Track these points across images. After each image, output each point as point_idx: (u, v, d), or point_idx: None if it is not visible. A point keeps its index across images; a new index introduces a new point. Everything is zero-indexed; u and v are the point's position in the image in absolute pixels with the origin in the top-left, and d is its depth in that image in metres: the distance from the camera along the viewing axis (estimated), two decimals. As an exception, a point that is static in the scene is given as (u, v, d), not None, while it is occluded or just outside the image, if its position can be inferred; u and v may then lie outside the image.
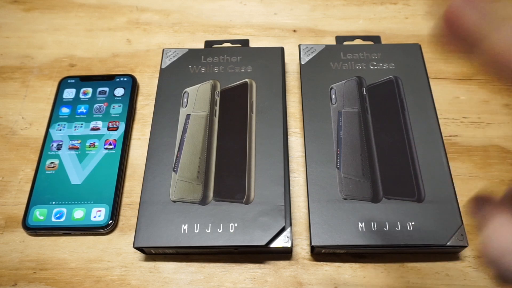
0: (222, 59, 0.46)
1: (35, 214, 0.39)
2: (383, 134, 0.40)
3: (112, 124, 0.44)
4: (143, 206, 0.37)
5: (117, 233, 0.39)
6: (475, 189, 0.40)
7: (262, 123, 0.41)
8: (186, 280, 0.36)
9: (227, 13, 0.53)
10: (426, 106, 0.42)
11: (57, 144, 0.43)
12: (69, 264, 0.37)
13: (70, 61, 0.50)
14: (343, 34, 0.51)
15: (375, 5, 0.53)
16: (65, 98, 0.46)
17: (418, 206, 0.36)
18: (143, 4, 0.54)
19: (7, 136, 0.45)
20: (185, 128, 0.41)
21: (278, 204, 0.37)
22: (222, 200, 0.37)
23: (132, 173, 0.42)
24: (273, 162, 0.39)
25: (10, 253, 0.38)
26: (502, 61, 0.18)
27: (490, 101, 0.46)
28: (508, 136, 0.43)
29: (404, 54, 0.45)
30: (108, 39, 0.51)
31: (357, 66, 0.44)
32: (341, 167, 0.39)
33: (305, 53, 0.46)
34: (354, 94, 0.43)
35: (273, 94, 0.43)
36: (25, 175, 0.42)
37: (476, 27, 0.19)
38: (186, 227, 0.36)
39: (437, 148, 0.39)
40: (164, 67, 0.45)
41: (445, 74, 0.48)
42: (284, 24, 0.52)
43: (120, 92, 0.46)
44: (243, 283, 0.36)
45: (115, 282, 0.37)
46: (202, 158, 0.40)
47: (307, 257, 0.37)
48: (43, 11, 0.54)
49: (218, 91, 0.43)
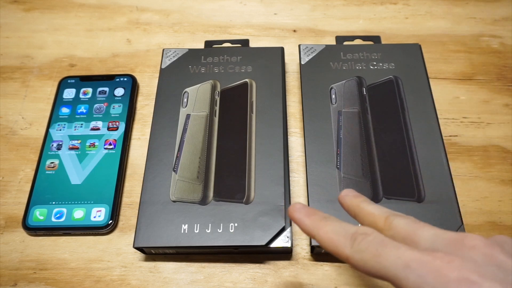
0: (222, 59, 0.46)
1: (35, 214, 0.39)
2: (383, 134, 0.40)
3: (112, 124, 0.44)
4: (143, 206, 0.37)
5: (117, 233, 0.39)
6: (475, 189, 0.40)
7: (262, 123, 0.41)
8: (186, 280, 0.36)
9: (227, 13, 0.53)
10: (426, 106, 0.42)
11: (57, 144, 0.43)
12: (69, 264, 0.37)
13: (70, 61, 0.50)
14: (343, 34, 0.51)
15: (375, 5, 0.54)
16: (65, 98, 0.46)
17: (418, 206, 0.36)
18: (143, 4, 0.54)
19: (7, 136, 0.45)
20: (185, 128, 0.41)
21: (278, 204, 0.37)
22: (222, 200, 0.37)
23: (132, 173, 0.42)
24: (273, 162, 0.39)
25: (10, 253, 0.38)
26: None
27: (490, 101, 0.46)
28: (508, 136, 0.43)
29: (404, 54, 0.45)
30: (108, 39, 0.51)
31: (357, 66, 0.44)
32: (341, 167, 0.39)
33: (305, 53, 0.46)
34: (354, 94, 0.43)
35: (273, 94, 0.43)
36: (25, 175, 0.42)
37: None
38: (186, 227, 0.36)
39: (437, 148, 0.39)
40: (164, 67, 0.45)
41: (445, 74, 0.48)
42: (284, 24, 0.52)
43: (120, 92, 0.46)
44: (243, 283, 0.36)
45: (115, 282, 0.37)
46: (202, 158, 0.40)
47: (307, 257, 0.37)
48: (43, 11, 0.54)
49: (218, 91, 0.43)
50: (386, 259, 0.20)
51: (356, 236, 0.21)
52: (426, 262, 0.19)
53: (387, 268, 0.20)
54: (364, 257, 0.21)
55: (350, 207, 0.26)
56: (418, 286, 0.18)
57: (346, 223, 0.23)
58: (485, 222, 0.39)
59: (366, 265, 0.20)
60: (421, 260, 0.19)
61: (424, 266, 0.19)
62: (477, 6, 0.53)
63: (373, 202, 0.25)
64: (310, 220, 0.24)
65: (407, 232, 0.22)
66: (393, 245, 0.20)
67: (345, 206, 0.26)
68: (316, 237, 0.23)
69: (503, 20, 0.52)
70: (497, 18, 0.52)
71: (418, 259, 0.19)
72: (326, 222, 0.23)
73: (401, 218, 0.23)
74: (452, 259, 0.18)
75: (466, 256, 0.19)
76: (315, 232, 0.23)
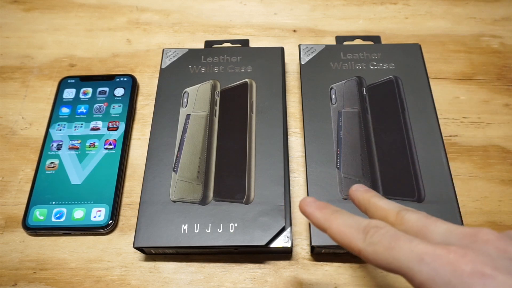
0: (222, 59, 0.46)
1: (35, 214, 0.39)
2: (383, 134, 0.40)
3: (112, 124, 0.44)
4: (143, 206, 0.37)
5: (117, 233, 0.39)
6: (475, 189, 0.40)
7: (262, 123, 0.41)
8: (186, 280, 0.36)
9: (227, 13, 0.53)
10: (426, 106, 0.42)
11: (57, 144, 0.43)
12: (69, 264, 0.37)
13: (70, 61, 0.50)
14: (343, 34, 0.51)
15: (375, 5, 0.53)
16: (65, 98, 0.46)
17: (418, 206, 0.36)
18: (143, 4, 0.54)
19: (7, 136, 0.45)
20: (185, 128, 0.41)
21: (278, 204, 0.37)
22: (222, 200, 0.37)
23: (132, 173, 0.42)
24: (273, 162, 0.39)
25: (10, 253, 0.38)
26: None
27: (490, 101, 0.46)
28: (508, 136, 0.43)
29: (404, 54, 0.45)
30: (108, 39, 0.51)
31: (357, 66, 0.44)
32: (341, 167, 0.39)
33: (305, 53, 0.46)
34: (354, 94, 0.43)
35: (273, 94, 0.43)
36: (25, 175, 0.42)
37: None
38: (186, 227, 0.36)
39: (437, 148, 0.39)
40: (164, 67, 0.45)
41: (445, 74, 0.48)
42: (284, 24, 0.52)
43: (120, 92, 0.46)
44: (243, 283, 0.36)
45: (115, 282, 0.37)
46: (202, 158, 0.40)
47: (307, 257, 0.37)
48: (43, 11, 0.54)
49: (218, 91, 0.43)
50: (399, 252, 0.20)
51: (369, 229, 0.21)
52: (440, 255, 0.19)
53: (400, 261, 0.19)
54: (377, 250, 0.20)
55: (361, 201, 0.26)
56: (431, 279, 0.18)
57: (358, 216, 0.23)
58: (485, 222, 0.39)
59: (379, 258, 0.20)
60: (435, 254, 0.19)
61: (438, 259, 0.19)
62: (477, 6, 0.53)
63: (384, 197, 0.25)
64: (321, 214, 0.24)
65: (419, 227, 0.22)
66: (407, 238, 0.20)
67: (355, 200, 0.26)
68: (327, 230, 0.23)
69: (503, 20, 0.52)
70: (497, 18, 0.52)
71: (432, 252, 0.19)
72: (338, 215, 0.23)
73: (412, 213, 0.23)
74: (466, 252, 0.18)
75: (479, 249, 0.19)
76: (326, 225, 0.23)
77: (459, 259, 0.18)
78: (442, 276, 0.18)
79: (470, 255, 0.18)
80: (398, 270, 0.20)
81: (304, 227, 0.39)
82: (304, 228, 0.39)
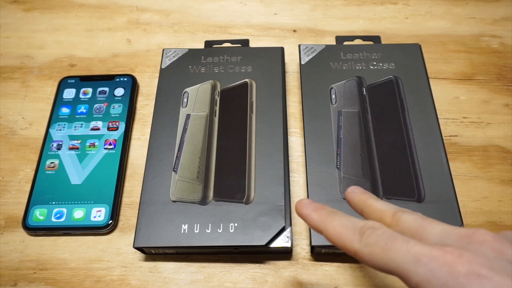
0: (222, 59, 0.46)
1: (35, 214, 0.39)
2: (383, 134, 0.40)
3: (112, 124, 0.44)
4: (143, 206, 0.37)
5: (117, 233, 0.39)
6: (475, 189, 0.40)
7: (262, 123, 0.41)
8: (186, 280, 0.36)
9: (227, 13, 0.53)
10: (426, 106, 0.42)
11: (57, 144, 0.43)
12: (69, 264, 0.37)
13: (70, 61, 0.50)
14: (343, 34, 0.51)
15: (375, 5, 0.53)
16: (65, 98, 0.46)
17: (418, 206, 0.36)
18: (143, 4, 0.54)
19: (7, 136, 0.45)
20: (185, 128, 0.41)
21: (278, 204, 0.37)
22: (222, 200, 0.37)
23: (132, 173, 0.42)
24: (273, 162, 0.39)
25: (10, 253, 0.38)
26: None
27: (490, 101, 0.46)
28: (508, 136, 0.43)
29: (404, 54, 0.45)
30: (108, 39, 0.51)
31: (357, 66, 0.44)
32: (341, 167, 0.39)
33: (305, 53, 0.46)
34: (354, 94, 0.43)
35: (273, 94, 0.43)
36: (25, 175, 0.42)
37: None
38: (186, 227, 0.36)
39: (437, 148, 0.39)
40: (164, 67, 0.45)
41: (445, 74, 0.48)
42: (284, 24, 0.52)
43: (120, 92, 0.46)
44: (243, 283, 0.36)
45: (115, 282, 0.37)
46: (202, 158, 0.40)
47: (307, 257, 0.37)
48: (43, 11, 0.54)
49: (218, 91, 0.43)
50: (396, 253, 0.20)
51: (365, 230, 0.21)
52: (436, 256, 0.19)
53: (397, 262, 0.19)
54: (373, 251, 0.20)
55: (357, 203, 0.26)
56: (427, 280, 0.18)
57: (354, 217, 0.23)
58: (485, 222, 0.39)
59: (375, 259, 0.20)
60: (431, 254, 0.19)
61: (434, 260, 0.19)
62: (477, 6, 0.53)
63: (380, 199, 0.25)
64: (317, 215, 0.24)
65: (415, 228, 0.22)
66: (403, 239, 0.20)
67: (351, 202, 0.26)
68: (323, 232, 0.23)
69: (503, 20, 0.52)
70: (497, 18, 0.52)
71: (428, 253, 0.19)
72: (334, 216, 0.23)
73: (408, 214, 0.23)
74: (462, 253, 0.18)
75: (476, 250, 0.19)
76: (322, 227, 0.23)
77: (455, 260, 0.18)
78: (438, 277, 0.18)
79: (466, 256, 0.18)
80: (394, 271, 0.20)
81: (304, 227, 0.39)
82: (304, 228, 0.39)
